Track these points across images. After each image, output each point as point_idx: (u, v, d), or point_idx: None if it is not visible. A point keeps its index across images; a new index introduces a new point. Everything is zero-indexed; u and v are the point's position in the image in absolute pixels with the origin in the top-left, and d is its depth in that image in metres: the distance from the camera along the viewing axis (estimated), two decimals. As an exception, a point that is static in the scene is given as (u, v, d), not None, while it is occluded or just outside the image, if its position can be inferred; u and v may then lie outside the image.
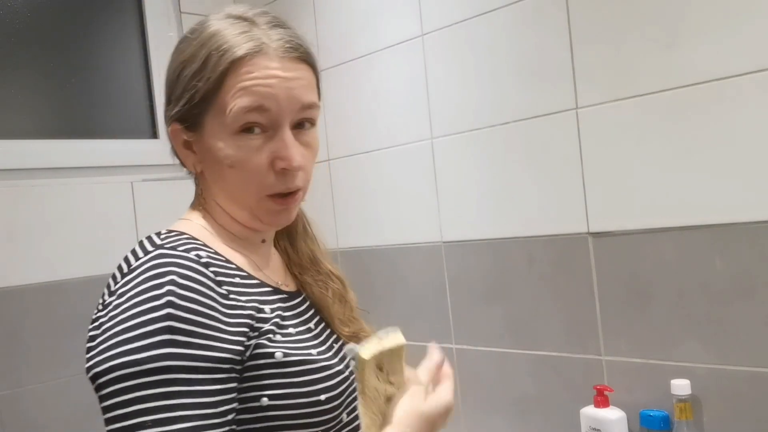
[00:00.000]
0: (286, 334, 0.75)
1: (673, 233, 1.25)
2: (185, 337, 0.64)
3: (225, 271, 0.73)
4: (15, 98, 1.65)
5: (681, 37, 1.22)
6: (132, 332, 0.63)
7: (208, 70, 0.74)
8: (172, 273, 0.66)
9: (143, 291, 0.65)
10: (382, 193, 1.76)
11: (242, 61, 0.73)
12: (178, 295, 0.65)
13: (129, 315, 0.64)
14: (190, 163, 0.80)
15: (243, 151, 0.74)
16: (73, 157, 1.69)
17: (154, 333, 0.63)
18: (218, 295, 0.69)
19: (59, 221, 1.62)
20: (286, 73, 0.75)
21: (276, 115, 0.74)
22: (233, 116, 0.73)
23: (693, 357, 1.23)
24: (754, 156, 1.15)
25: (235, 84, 0.73)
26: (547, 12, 1.39)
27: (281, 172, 0.75)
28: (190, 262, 0.69)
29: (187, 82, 0.76)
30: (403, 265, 1.72)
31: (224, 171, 0.76)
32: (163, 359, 0.62)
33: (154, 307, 0.64)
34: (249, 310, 0.71)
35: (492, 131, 1.51)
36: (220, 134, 0.75)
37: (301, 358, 0.73)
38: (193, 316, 0.65)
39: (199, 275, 0.68)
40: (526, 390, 1.48)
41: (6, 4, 1.63)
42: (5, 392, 1.48)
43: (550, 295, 1.43)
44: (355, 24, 1.79)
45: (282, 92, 0.74)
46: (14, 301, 1.53)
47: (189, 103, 0.76)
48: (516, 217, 1.48)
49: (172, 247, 0.70)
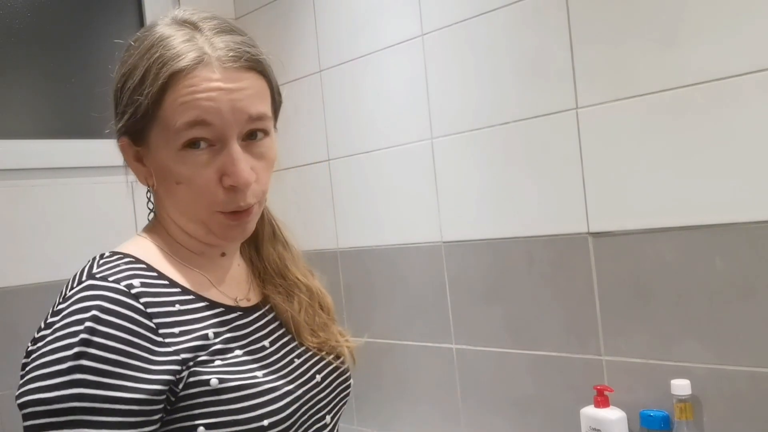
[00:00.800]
0: (228, 358, 0.71)
1: (673, 233, 1.25)
2: (97, 377, 0.61)
3: (161, 300, 0.69)
4: (15, 98, 1.65)
5: (681, 37, 1.22)
6: (45, 369, 0.62)
7: (147, 83, 0.70)
8: (94, 308, 0.64)
9: (64, 326, 0.63)
10: (382, 193, 1.75)
11: (182, 74, 0.69)
12: (96, 332, 0.62)
13: (46, 350, 0.63)
14: (142, 177, 0.77)
15: (189, 168, 0.71)
16: (73, 157, 1.69)
17: (63, 372, 0.61)
18: (145, 329, 0.66)
19: (59, 221, 1.62)
20: (228, 84, 0.70)
21: (221, 129, 0.70)
22: (176, 133, 0.70)
23: (693, 357, 1.23)
24: (753, 156, 1.15)
25: (176, 98, 0.69)
26: (547, 12, 1.39)
27: (230, 188, 0.71)
28: (117, 294, 0.66)
29: (129, 95, 0.72)
30: (403, 265, 1.72)
31: (173, 187, 0.73)
32: (71, 400, 0.60)
33: (68, 344, 0.62)
34: (184, 343, 0.68)
35: (492, 131, 1.51)
36: (165, 150, 0.71)
37: (239, 383, 0.69)
38: (108, 354, 0.62)
39: (125, 308, 0.65)
40: (526, 390, 1.48)
41: (6, 4, 1.63)
42: (5, 392, 1.48)
43: (550, 295, 1.43)
44: (355, 24, 1.79)
45: (225, 105, 0.70)
46: (14, 301, 1.53)
47: (133, 118, 0.72)
48: (516, 217, 1.48)
49: (103, 277, 0.67)
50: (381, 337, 1.75)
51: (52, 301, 0.70)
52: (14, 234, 1.55)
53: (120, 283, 0.67)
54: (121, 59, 0.76)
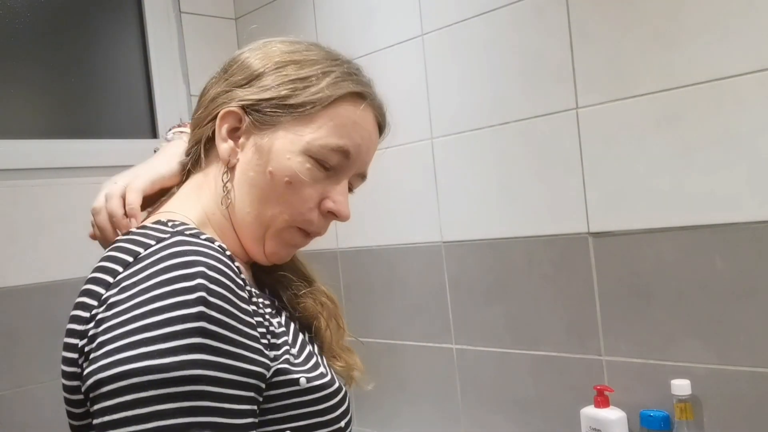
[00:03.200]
0: (297, 355, 0.66)
1: (673, 233, 1.25)
2: (219, 343, 0.54)
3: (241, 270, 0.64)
4: (15, 98, 1.65)
5: (681, 37, 1.22)
6: (154, 331, 0.52)
7: (321, 83, 0.70)
8: (200, 264, 0.56)
9: (167, 282, 0.55)
10: (382, 192, 1.75)
11: (356, 99, 0.72)
12: (210, 291, 0.55)
13: (149, 310, 0.53)
14: (227, 152, 0.70)
15: (308, 175, 0.69)
16: (73, 157, 1.69)
17: (183, 334, 0.52)
18: (247, 295, 0.60)
19: (59, 221, 1.62)
20: (374, 135, 0.75)
21: (348, 165, 0.72)
22: (321, 146, 0.69)
23: (693, 357, 1.23)
24: (753, 156, 1.15)
25: (341, 116, 0.70)
26: (547, 12, 1.39)
27: (326, 214, 0.72)
28: (217, 252, 0.59)
29: (287, 80, 0.70)
30: (403, 265, 1.72)
31: (275, 181, 0.68)
32: (194, 367, 0.52)
33: (183, 302, 0.53)
34: (265, 319, 0.63)
35: (492, 131, 1.51)
36: (293, 145, 0.69)
37: (320, 382, 0.65)
38: (227, 319, 0.55)
39: (230, 270, 0.59)
40: (526, 390, 1.48)
41: (6, 4, 1.63)
42: (5, 392, 1.48)
43: (550, 295, 1.43)
44: (355, 24, 1.78)
45: (365, 149, 0.73)
46: (14, 301, 1.53)
47: (278, 101, 0.69)
48: (516, 217, 1.48)
49: (193, 234, 0.61)
50: (381, 337, 1.75)
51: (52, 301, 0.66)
52: (14, 234, 1.55)
53: (214, 242, 0.61)
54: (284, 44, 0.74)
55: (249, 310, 0.59)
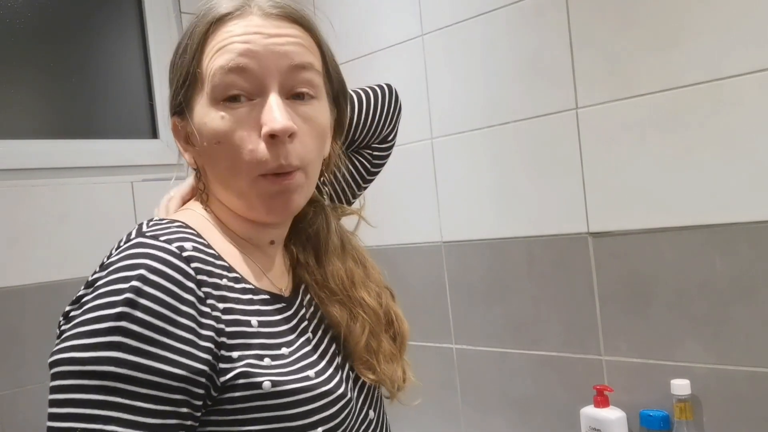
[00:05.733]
0: (277, 356, 0.64)
1: (673, 233, 1.25)
2: (137, 342, 0.55)
3: (210, 269, 0.63)
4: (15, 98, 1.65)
5: (681, 37, 1.22)
6: (82, 327, 0.56)
7: (186, 41, 0.68)
8: (142, 266, 0.58)
9: (107, 284, 0.58)
10: (382, 193, 1.75)
11: (222, 22, 0.66)
12: (141, 293, 0.57)
13: (87, 308, 0.57)
14: (191, 158, 0.72)
15: (228, 122, 0.65)
16: (73, 157, 1.68)
17: (103, 332, 0.55)
18: (194, 297, 0.60)
19: (59, 221, 1.62)
20: (269, 30, 0.66)
21: (259, 77, 0.65)
22: (211, 81, 0.65)
23: (693, 357, 1.23)
24: (754, 156, 1.15)
25: (212, 47, 0.66)
26: (547, 12, 1.39)
27: (269, 141, 0.65)
28: (167, 254, 0.60)
29: (175, 66, 0.70)
30: (403, 265, 1.72)
31: (214, 152, 0.67)
32: (107, 363, 0.55)
33: (110, 303, 0.56)
34: (226, 325, 0.62)
35: (492, 131, 1.51)
36: (204, 109, 0.66)
37: (293, 386, 0.63)
38: (153, 320, 0.56)
39: (174, 271, 0.59)
40: (526, 390, 1.48)
41: (6, 4, 1.63)
42: (5, 392, 1.48)
43: (550, 295, 1.43)
44: (355, 24, 1.79)
45: (263, 48, 0.65)
46: (14, 301, 1.53)
47: (177, 86, 0.69)
48: (516, 217, 1.48)
49: (154, 236, 0.62)
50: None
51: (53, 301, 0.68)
52: (14, 234, 1.55)
53: (171, 243, 0.61)
54: None
55: (189, 311, 0.59)
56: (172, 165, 0.80)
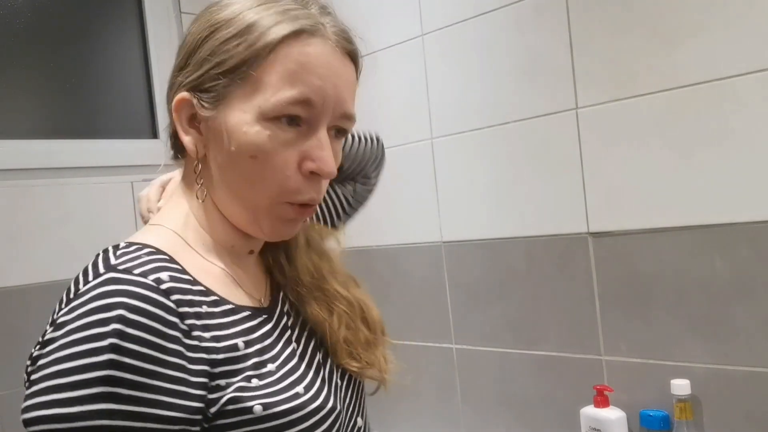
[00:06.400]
0: (264, 375, 0.62)
1: (673, 233, 1.25)
2: (130, 390, 0.52)
3: (190, 298, 0.59)
4: (15, 98, 1.65)
5: (681, 37, 1.22)
6: (65, 378, 0.51)
7: (252, 35, 0.61)
8: (120, 306, 0.53)
9: (83, 327, 0.53)
10: (382, 193, 1.75)
11: (298, 38, 0.62)
12: (125, 336, 0.52)
13: (64, 355, 0.52)
14: (193, 143, 0.65)
15: (272, 143, 0.61)
16: (73, 157, 1.68)
17: (90, 383, 0.51)
18: (179, 332, 0.56)
19: (59, 221, 1.62)
20: (339, 68, 0.64)
21: (319, 113, 0.63)
22: (275, 102, 0.61)
23: (693, 357, 1.23)
24: (754, 156, 1.15)
25: (285, 63, 0.61)
26: (547, 12, 1.39)
27: (309, 176, 0.63)
28: (145, 290, 0.55)
29: (218, 45, 0.62)
30: (403, 265, 1.72)
31: (242, 161, 0.62)
32: (100, 417, 0.51)
33: (93, 349, 0.52)
34: (215, 353, 0.58)
35: (492, 131, 1.51)
36: (247, 116, 0.62)
37: (285, 407, 0.60)
38: (142, 364, 0.52)
39: (156, 308, 0.55)
40: (526, 390, 1.48)
41: (7, 4, 1.63)
42: (5, 392, 1.48)
43: (550, 295, 1.43)
44: (355, 24, 1.78)
45: (332, 90, 0.63)
46: (14, 301, 1.53)
47: (215, 69, 0.62)
48: (516, 217, 1.48)
49: (127, 269, 0.57)
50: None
51: (53, 301, 0.63)
52: (14, 234, 1.55)
53: (147, 276, 0.57)
54: (206, 12, 0.66)
55: (176, 348, 0.55)
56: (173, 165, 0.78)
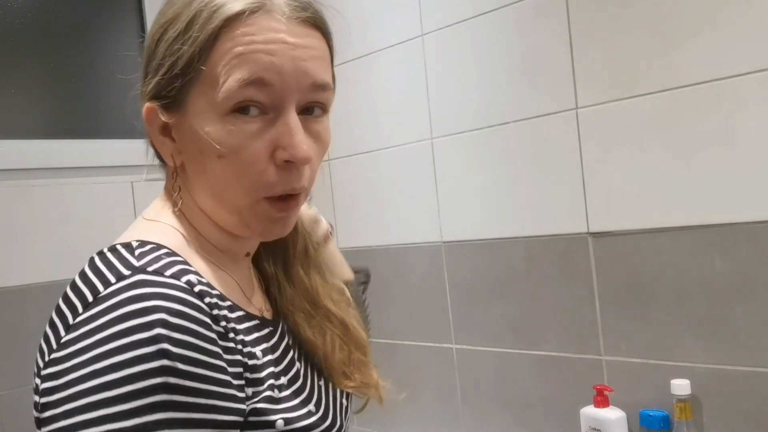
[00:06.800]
0: (281, 386, 0.60)
1: (673, 233, 1.25)
2: (187, 397, 0.49)
3: (216, 302, 0.56)
4: (15, 98, 1.65)
5: (681, 37, 1.22)
6: (114, 390, 0.47)
7: (195, 29, 0.58)
8: (160, 309, 0.50)
9: (123, 333, 0.49)
10: (382, 193, 1.75)
11: (239, 19, 0.57)
12: (172, 341, 0.49)
13: (106, 366, 0.48)
14: (168, 152, 0.63)
15: (236, 137, 0.58)
16: (73, 157, 1.68)
17: (145, 392, 0.47)
18: (217, 335, 0.54)
19: (59, 221, 1.62)
20: (294, 39, 0.58)
21: (279, 93, 0.58)
22: (226, 91, 0.57)
23: (693, 357, 1.23)
24: (754, 156, 1.15)
25: (229, 49, 0.57)
26: (547, 12, 1.39)
27: (284, 165, 0.59)
28: (181, 293, 0.52)
29: (168, 46, 0.59)
30: (403, 265, 1.72)
31: (211, 163, 0.59)
32: (160, 427, 0.47)
33: (141, 356, 0.48)
34: (245, 356, 0.57)
35: (492, 131, 1.51)
36: (207, 114, 0.58)
37: (304, 424, 0.59)
38: (194, 369, 0.50)
39: (196, 311, 0.52)
40: (526, 390, 1.48)
41: (6, 4, 1.63)
42: (5, 392, 1.48)
43: (550, 295, 1.43)
44: (355, 24, 1.78)
45: (288, 63, 0.58)
46: (14, 301, 1.53)
47: (169, 73, 0.59)
48: (516, 217, 1.48)
49: (156, 270, 0.54)
50: (381, 337, 1.75)
51: (53, 301, 0.59)
52: (14, 234, 1.55)
53: (180, 278, 0.54)
54: (159, 12, 0.63)
55: (219, 351, 0.53)
56: None
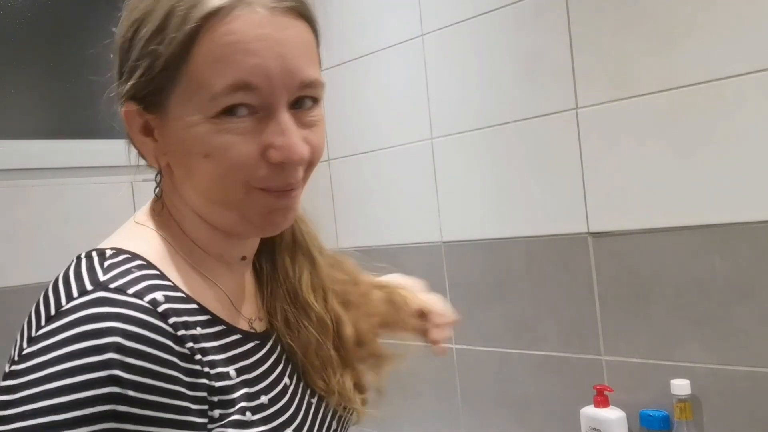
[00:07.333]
0: (258, 407, 0.57)
1: (673, 233, 1.25)
2: (136, 426, 0.47)
3: (186, 320, 0.54)
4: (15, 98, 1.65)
5: (681, 37, 1.22)
6: (61, 414, 0.45)
7: (171, 28, 0.54)
8: (115, 332, 0.48)
9: (75, 355, 0.47)
10: (382, 193, 1.75)
11: (218, 16, 0.54)
12: (124, 366, 0.47)
13: (56, 388, 0.46)
14: (151, 154, 0.61)
15: (225, 137, 0.55)
16: (73, 157, 1.68)
17: (91, 419, 0.45)
18: (179, 359, 0.51)
19: (59, 221, 1.62)
20: (277, 33, 0.55)
21: (267, 94, 0.55)
22: (210, 97, 0.54)
23: (693, 357, 1.23)
24: (754, 156, 1.15)
25: (210, 49, 0.54)
26: (547, 12, 1.39)
27: (277, 165, 0.57)
28: (141, 313, 0.50)
29: (143, 46, 0.56)
30: (403, 265, 1.71)
31: (197, 163, 0.56)
32: None
33: (90, 381, 0.46)
34: (211, 379, 0.54)
35: (492, 131, 1.51)
36: (191, 116, 0.55)
37: None
38: (146, 396, 0.47)
39: (155, 333, 0.50)
40: (526, 390, 1.48)
41: (6, 4, 1.63)
42: (5, 392, 1.48)
43: (550, 295, 1.43)
44: (355, 24, 1.78)
45: (274, 63, 0.55)
46: (14, 301, 1.53)
47: (146, 75, 0.56)
48: (516, 217, 1.48)
49: (119, 288, 0.51)
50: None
51: None
52: (14, 234, 1.55)
53: (142, 297, 0.51)
54: (129, 4, 0.59)
55: (178, 376, 0.50)
56: None
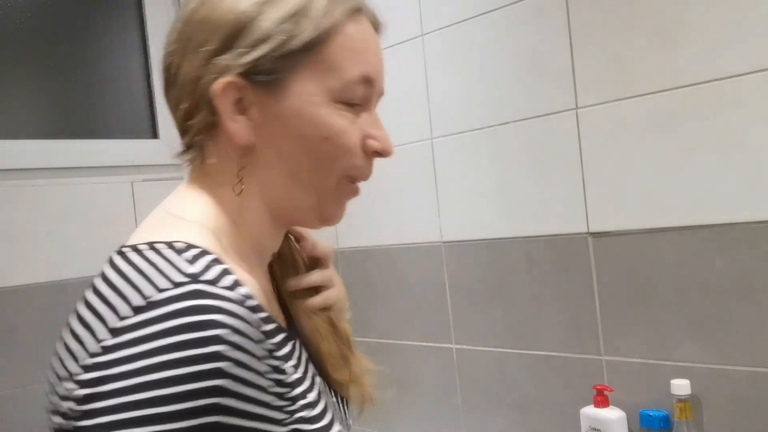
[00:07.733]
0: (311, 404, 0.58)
1: (673, 233, 1.25)
2: (238, 420, 0.48)
3: (264, 315, 0.54)
4: (15, 98, 1.65)
5: (681, 37, 1.22)
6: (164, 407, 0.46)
7: (315, 13, 0.58)
8: (217, 325, 0.47)
9: (179, 347, 0.46)
10: (382, 193, 1.75)
11: (354, 16, 0.62)
12: (229, 360, 0.47)
13: (159, 379, 0.46)
14: (243, 131, 0.59)
15: (343, 122, 0.61)
16: (73, 157, 1.69)
17: (196, 412, 0.46)
18: (267, 353, 0.51)
19: (59, 221, 1.62)
20: (380, 47, 0.66)
21: (374, 92, 0.65)
22: (343, 85, 0.60)
23: (693, 357, 1.23)
24: (753, 156, 1.15)
25: (350, 42, 0.60)
26: (547, 12, 1.39)
27: (371, 155, 0.64)
28: (238, 306, 0.49)
29: (275, 24, 0.57)
30: (402, 265, 1.72)
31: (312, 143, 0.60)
32: None
33: (197, 373, 0.46)
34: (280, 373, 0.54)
35: (492, 131, 1.51)
36: (315, 96, 0.59)
37: None
38: (247, 391, 0.48)
39: (252, 327, 0.50)
40: (526, 390, 1.48)
41: (6, 4, 1.63)
42: (5, 392, 1.48)
43: (550, 295, 1.43)
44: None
45: (381, 66, 0.65)
46: (14, 301, 1.53)
47: (276, 51, 0.57)
48: (516, 217, 1.48)
49: (210, 281, 0.50)
50: (381, 337, 1.75)
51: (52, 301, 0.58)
52: (14, 234, 1.55)
53: (234, 290, 0.51)
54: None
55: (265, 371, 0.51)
56: (172, 165, 0.74)
